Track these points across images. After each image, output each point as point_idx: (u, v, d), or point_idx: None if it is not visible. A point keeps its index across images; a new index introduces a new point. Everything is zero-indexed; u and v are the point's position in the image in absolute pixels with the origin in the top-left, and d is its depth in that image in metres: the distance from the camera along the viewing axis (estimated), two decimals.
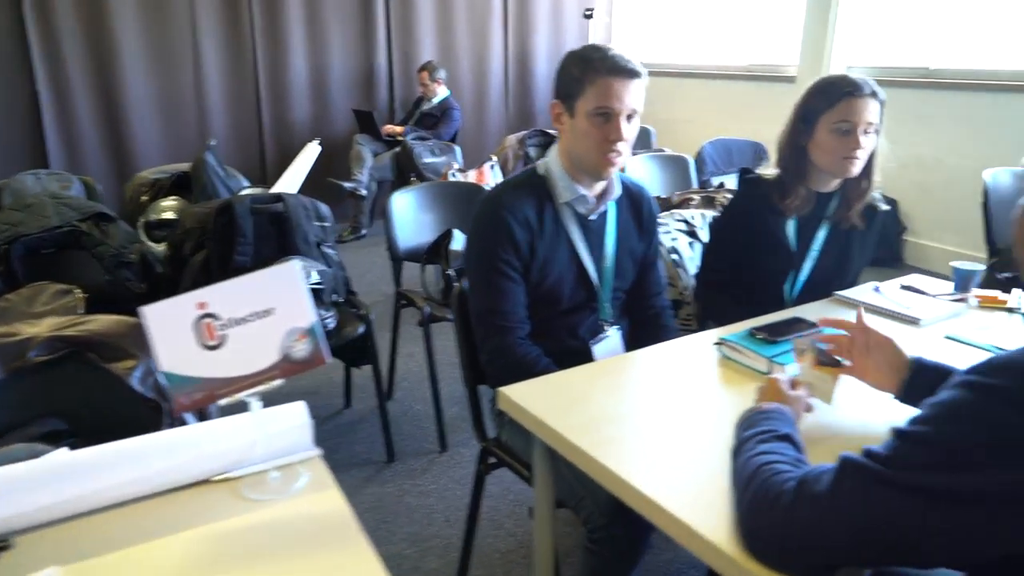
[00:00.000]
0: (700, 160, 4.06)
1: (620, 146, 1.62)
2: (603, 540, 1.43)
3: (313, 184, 5.74)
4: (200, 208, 2.65)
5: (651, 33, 6.79)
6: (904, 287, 1.94)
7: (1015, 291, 1.85)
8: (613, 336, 1.79)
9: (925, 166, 4.59)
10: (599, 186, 1.72)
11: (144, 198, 3.52)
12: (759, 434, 1.02)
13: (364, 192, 5.39)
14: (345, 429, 2.94)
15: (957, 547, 0.75)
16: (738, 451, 1.02)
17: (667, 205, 3.39)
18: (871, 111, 1.81)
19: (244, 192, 2.84)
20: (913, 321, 1.71)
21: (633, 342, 1.89)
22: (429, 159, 4.64)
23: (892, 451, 0.80)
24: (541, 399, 1.36)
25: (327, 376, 3.34)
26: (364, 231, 5.51)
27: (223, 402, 1.07)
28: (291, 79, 5.73)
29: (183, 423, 1.33)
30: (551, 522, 1.45)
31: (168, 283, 2.67)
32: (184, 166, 3.55)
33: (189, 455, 1.09)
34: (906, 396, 1.23)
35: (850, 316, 1.33)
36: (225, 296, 1.06)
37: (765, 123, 5.58)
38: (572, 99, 1.61)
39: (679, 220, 2.28)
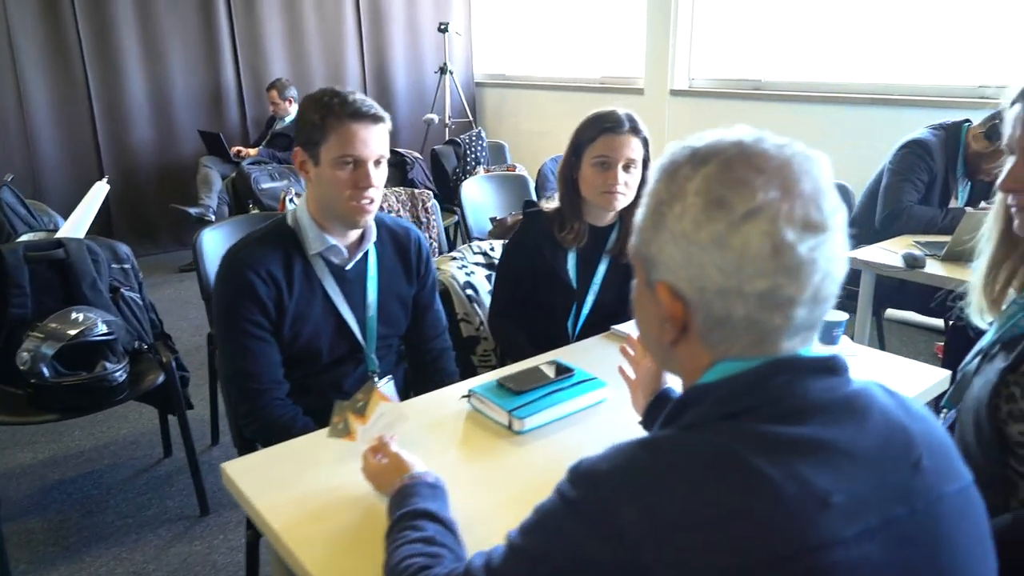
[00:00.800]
0: (542, 177, 4.06)
1: (371, 193, 1.57)
2: None
3: (161, 210, 5.51)
4: None
5: (509, 46, 6.82)
6: None
7: None
8: (384, 388, 1.72)
9: None
10: (353, 234, 1.66)
11: None
12: (400, 519, 0.99)
13: (212, 217, 5.15)
14: (160, 481, 2.77)
15: None
16: (386, 539, 0.98)
17: (502, 227, 3.37)
18: (631, 147, 1.83)
19: (22, 238, 2.63)
20: None
21: (416, 388, 1.84)
22: (267, 184, 4.46)
23: (499, 560, 0.77)
24: (262, 472, 1.29)
25: (149, 423, 3.16)
26: None
27: None
28: (129, 100, 5.42)
29: None
30: None
31: None
32: None
33: None
34: (644, 422, 1.29)
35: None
36: None
37: None
38: (315, 146, 1.55)
39: (477, 253, 2.25)
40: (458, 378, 1.84)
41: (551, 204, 2.00)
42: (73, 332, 2.27)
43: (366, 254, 1.70)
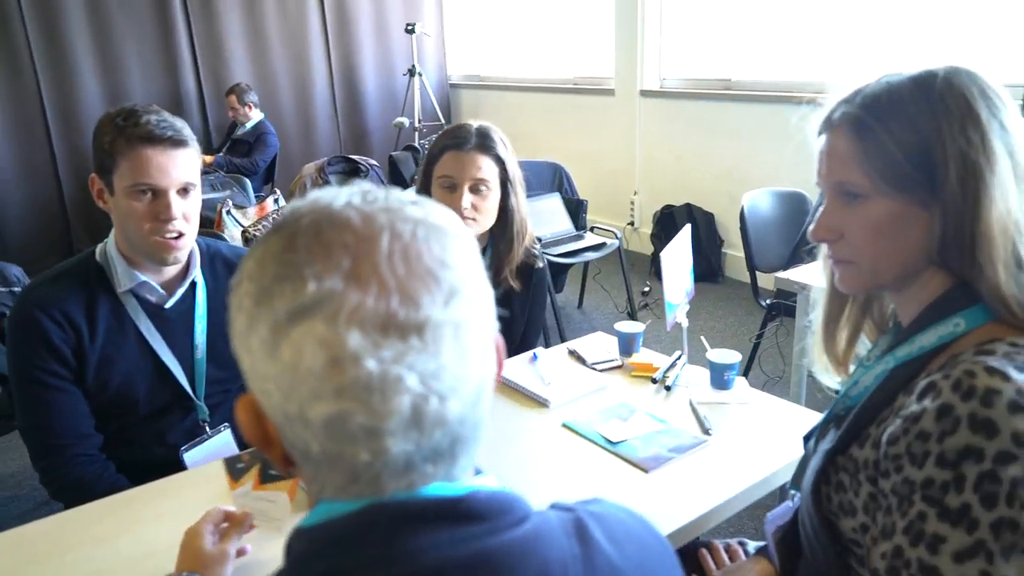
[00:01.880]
0: None
1: (176, 226, 1.38)
2: None
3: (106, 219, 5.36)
4: None
5: (484, 46, 6.61)
6: (571, 352, 1.77)
7: (678, 353, 1.69)
8: (218, 438, 1.54)
9: (734, 178, 4.55)
10: (170, 270, 1.47)
11: None
12: None
13: None
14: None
15: None
16: None
17: None
18: (478, 166, 1.67)
19: None
20: (543, 403, 1.52)
21: None
22: (204, 195, 4.29)
23: None
24: (13, 554, 1.12)
25: None
26: None
27: None
28: (84, 106, 5.27)
29: None
30: None
31: None
32: None
33: None
34: None
35: None
36: None
37: (587, 135, 5.48)
38: (108, 173, 1.36)
39: None
40: None
41: None
42: None
43: (192, 290, 1.51)
